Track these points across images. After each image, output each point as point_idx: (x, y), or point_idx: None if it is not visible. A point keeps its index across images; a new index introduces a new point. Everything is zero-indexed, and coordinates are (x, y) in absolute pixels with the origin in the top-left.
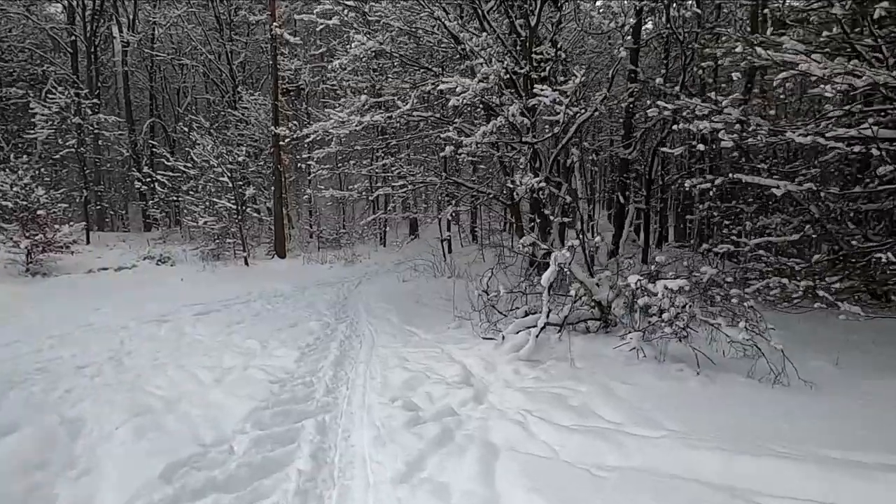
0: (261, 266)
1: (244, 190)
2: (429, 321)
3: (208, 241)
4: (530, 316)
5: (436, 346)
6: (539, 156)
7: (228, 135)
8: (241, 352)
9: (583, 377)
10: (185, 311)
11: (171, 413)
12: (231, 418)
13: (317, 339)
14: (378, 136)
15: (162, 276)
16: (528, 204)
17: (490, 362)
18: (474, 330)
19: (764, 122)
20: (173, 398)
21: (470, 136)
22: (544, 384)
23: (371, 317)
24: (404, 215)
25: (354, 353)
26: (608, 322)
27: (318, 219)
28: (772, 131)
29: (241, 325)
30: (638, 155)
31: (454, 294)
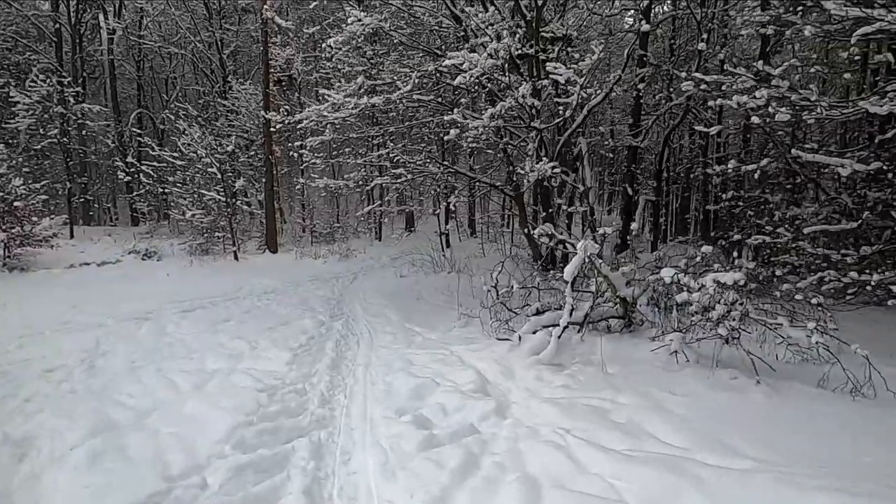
0: (251, 261)
1: (233, 182)
2: (432, 319)
3: (197, 235)
4: (546, 314)
5: (442, 347)
6: (545, 144)
7: (218, 125)
8: (227, 353)
9: (620, 385)
10: (169, 309)
11: (138, 430)
12: (208, 437)
13: (310, 338)
14: (374, 124)
15: (147, 271)
16: (530, 196)
17: (507, 367)
18: (484, 329)
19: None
20: (144, 409)
21: (475, 121)
22: (576, 394)
23: (368, 314)
24: (401, 208)
25: (352, 355)
26: (631, 321)
27: (312, 212)
28: (833, 104)
29: (229, 324)
30: (649, 143)
31: (458, 290)
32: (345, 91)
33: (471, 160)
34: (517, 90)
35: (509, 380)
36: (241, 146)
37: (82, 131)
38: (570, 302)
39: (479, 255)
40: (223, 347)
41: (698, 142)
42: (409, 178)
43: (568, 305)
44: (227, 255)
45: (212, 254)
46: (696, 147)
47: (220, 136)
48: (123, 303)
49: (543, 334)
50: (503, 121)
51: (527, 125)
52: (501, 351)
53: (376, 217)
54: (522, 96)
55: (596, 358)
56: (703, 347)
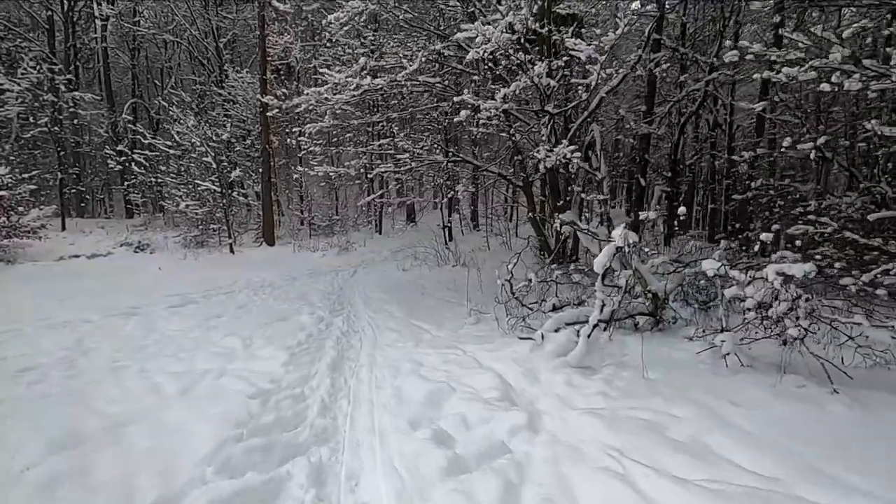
0: (247, 254)
1: (229, 172)
2: (439, 315)
3: (191, 227)
4: (567, 310)
5: (454, 346)
6: (556, 131)
7: (214, 115)
8: (219, 352)
9: (667, 393)
10: (160, 303)
11: (110, 445)
12: (189, 455)
13: (309, 335)
14: (376, 109)
15: (139, 264)
16: (538, 187)
17: (530, 369)
18: (500, 327)
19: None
20: (121, 419)
21: (486, 102)
22: (618, 403)
23: (371, 310)
24: (402, 200)
25: (354, 354)
26: (661, 318)
27: (310, 204)
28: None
29: (222, 320)
30: (666, 131)
31: (467, 284)
32: (346, 73)
33: (475, 148)
34: (532, 69)
35: (535, 385)
36: (238, 136)
37: (74, 120)
38: (602, 297)
39: (483, 249)
40: (215, 346)
41: (707, 132)
42: (413, 166)
43: (599, 301)
44: (223, 247)
45: (207, 246)
46: (704, 138)
47: (216, 125)
48: (111, 297)
49: (568, 333)
50: (515, 104)
51: (539, 109)
52: (522, 351)
53: (376, 209)
54: (538, 76)
55: (630, 360)
56: (754, 349)
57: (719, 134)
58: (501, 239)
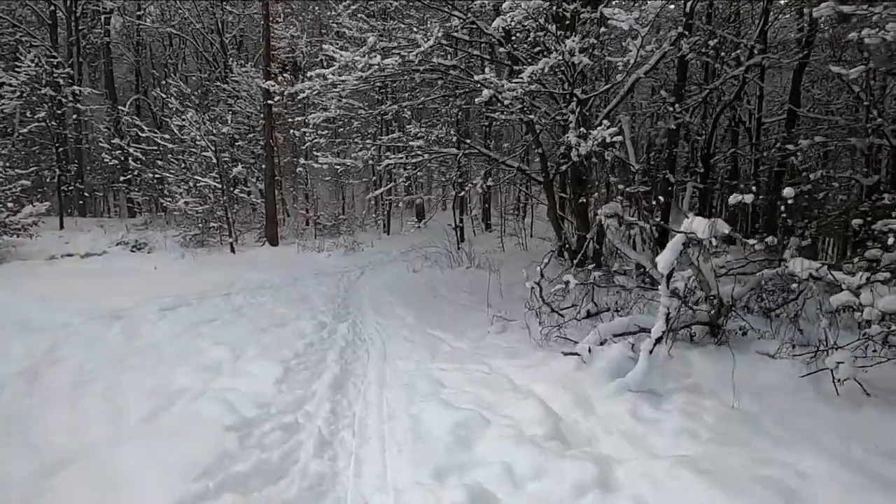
0: (249, 254)
1: (231, 167)
2: (457, 323)
3: (191, 225)
4: (618, 319)
5: (479, 360)
6: (584, 119)
7: (217, 111)
8: (204, 364)
9: (778, 434)
10: (150, 305)
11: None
12: None
13: (309, 345)
14: (385, 98)
15: (134, 263)
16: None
17: (579, 395)
18: (531, 337)
19: None
20: (56, 460)
21: (512, 81)
22: (718, 449)
23: (379, 315)
24: (411, 197)
25: (361, 369)
26: (720, 329)
27: (315, 203)
28: None
29: (214, 325)
30: (698, 122)
31: (488, 288)
32: (354, 53)
33: (488, 143)
34: (564, 44)
35: (590, 416)
36: (242, 133)
37: (74, 116)
38: (668, 304)
39: (498, 250)
40: (200, 355)
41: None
42: (425, 158)
43: (663, 309)
44: (224, 247)
45: (207, 246)
46: (728, 130)
47: (218, 120)
48: (99, 298)
49: (621, 347)
50: (541, 86)
51: (568, 92)
52: (564, 369)
53: (384, 209)
54: (570, 52)
55: (701, 382)
56: (871, 374)
57: (742, 130)
58: (516, 240)
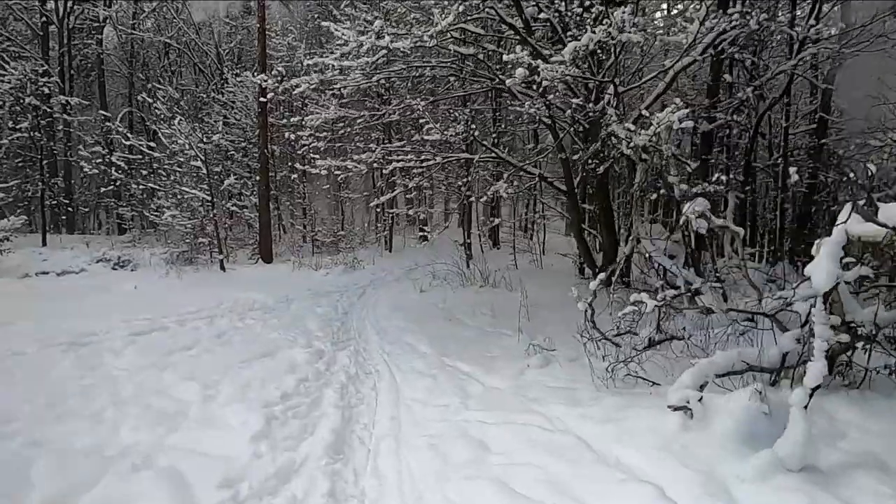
0: (240, 272)
1: (222, 178)
2: (483, 352)
3: (180, 241)
4: (719, 354)
5: (528, 407)
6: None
7: (211, 122)
8: (162, 411)
9: None
10: (120, 330)
11: None
12: None
13: (301, 381)
14: (390, 97)
15: (113, 282)
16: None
17: (704, 472)
18: (595, 375)
19: None
20: None
21: (542, 64)
22: None
23: (386, 342)
24: (417, 211)
25: (367, 416)
26: (848, 365)
27: (313, 219)
28: None
29: (189, 354)
30: (741, 122)
31: (518, 310)
32: (360, 32)
33: (502, 149)
34: (613, 15)
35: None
36: (237, 145)
37: (58, 126)
38: (825, 335)
39: (511, 268)
40: (163, 396)
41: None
42: (437, 161)
43: (820, 342)
44: (214, 265)
45: (195, 263)
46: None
47: (210, 130)
48: (64, 321)
49: (745, 397)
50: (578, 69)
51: (608, 80)
52: (662, 427)
53: (386, 224)
54: (620, 26)
55: (876, 450)
56: None
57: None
58: (531, 257)
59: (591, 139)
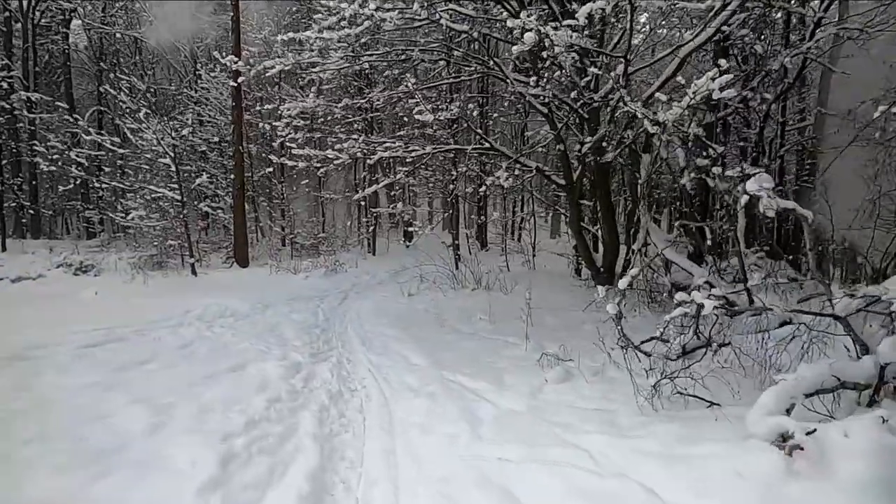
0: (213, 277)
1: (194, 177)
2: (488, 364)
3: (148, 245)
4: (805, 367)
5: (558, 436)
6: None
7: (184, 120)
8: (94, 447)
9: None
10: (71, 342)
11: None
12: None
13: (272, 402)
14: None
15: (73, 288)
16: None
17: None
18: (638, 394)
19: None
20: None
21: (551, 31)
22: None
23: (372, 352)
24: (403, 209)
25: (354, 449)
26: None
27: (293, 220)
28: None
29: (146, 369)
30: (754, 108)
31: (527, 315)
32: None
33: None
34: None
35: None
36: (212, 145)
37: (20, 125)
38: None
39: (502, 269)
40: (101, 426)
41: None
42: (428, 151)
43: None
44: (185, 269)
45: (165, 268)
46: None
47: (180, 125)
48: (11, 333)
49: (871, 429)
50: (591, 39)
51: (622, 56)
52: (758, 471)
53: (369, 225)
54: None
55: None
56: None
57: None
58: (522, 258)
59: (591, 129)
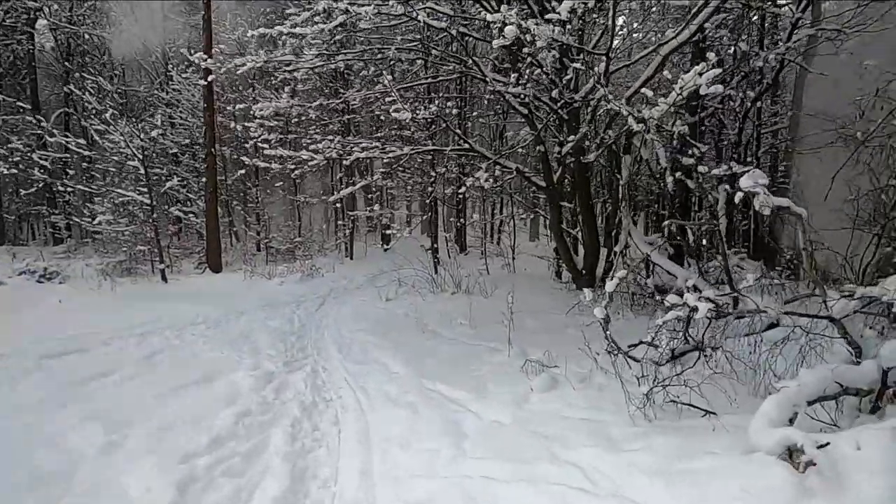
0: (185, 283)
1: (164, 180)
2: (470, 371)
3: (117, 250)
4: (806, 373)
5: (548, 450)
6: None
7: (154, 122)
8: (37, 474)
9: None
10: (28, 354)
11: None
12: None
13: (242, 415)
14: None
15: (35, 296)
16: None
17: None
18: (630, 403)
19: None
20: None
21: (533, 25)
22: None
23: (349, 360)
24: (380, 212)
25: (328, 467)
26: None
27: (268, 224)
28: None
29: (106, 382)
30: (733, 109)
31: (510, 319)
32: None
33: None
34: None
35: None
36: (183, 148)
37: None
38: None
39: (482, 272)
40: (49, 447)
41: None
42: (405, 152)
43: None
44: (155, 275)
45: (135, 274)
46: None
47: (149, 125)
48: None
49: (886, 441)
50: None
51: (604, 53)
52: (767, 486)
53: (346, 229)
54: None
55: None
56: None
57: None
58: (501, 261)
59: (571, 130)
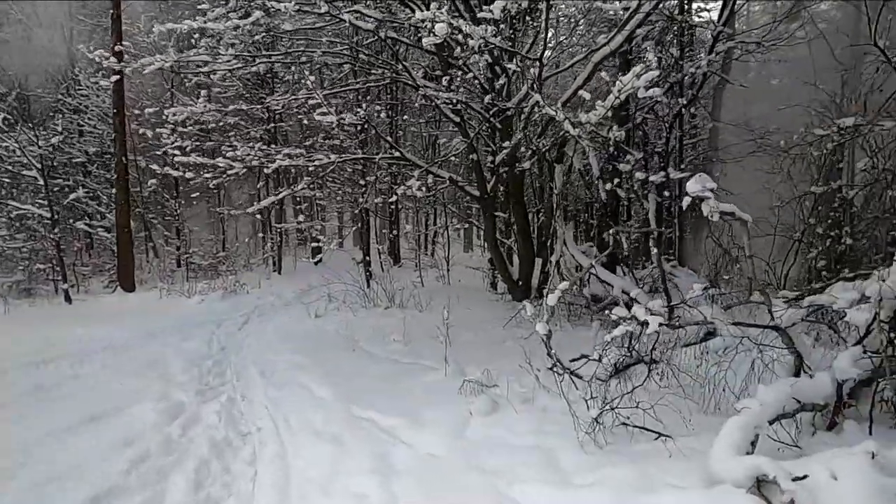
0: (92, 304)
1: (67, 192)
2: (403, 394)
3: (13, 269)
4: (764, 390)
5: (494, 488)
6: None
7: (58, 130)
8: None
9: None
10: None
11: None
12: None
13: (137, 463)
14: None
15: None
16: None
17: None
18: (578, 425)
19: None
20: None
21: (466, 26)
22: None
23: (272, 385)
24: (309, 223)
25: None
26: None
27: (188, 239)
28: None
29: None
30: (661, 118)
31: (446, 335)
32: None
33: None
34: None
35: None
36: (93, 157)
37: None
38: None
39: (416, 285)
40: None
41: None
42: (333, 160)
43: None
44: (59, 296)
45: (35, 296)
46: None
47: (49, 131)
48: None
49: (861, 466)
50: (509, 40)
51: (537, 58)
52: None
53: (274, 242)
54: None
55: None
56: None
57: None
58: (438, 272)
59: (504, 138)
